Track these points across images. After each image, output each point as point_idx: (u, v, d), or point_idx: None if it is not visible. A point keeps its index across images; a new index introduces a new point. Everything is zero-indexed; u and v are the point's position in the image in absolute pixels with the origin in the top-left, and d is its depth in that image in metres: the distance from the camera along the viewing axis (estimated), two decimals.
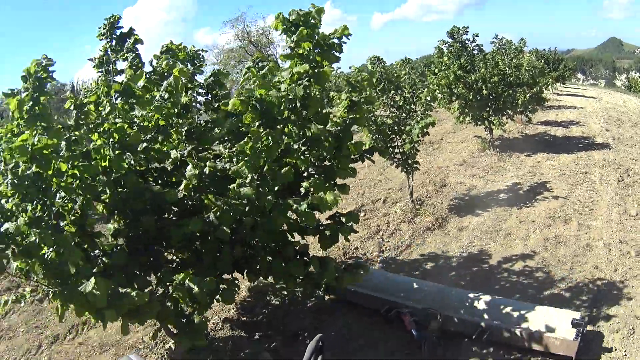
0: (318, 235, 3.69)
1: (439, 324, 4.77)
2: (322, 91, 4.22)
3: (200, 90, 5.06)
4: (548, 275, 5.76)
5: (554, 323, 4.43)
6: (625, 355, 4.44)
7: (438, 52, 12.26)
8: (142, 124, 3.76)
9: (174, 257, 4.44)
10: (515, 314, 4.60)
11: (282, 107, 3.26)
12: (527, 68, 13.47)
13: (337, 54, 3.46)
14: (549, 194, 8.89)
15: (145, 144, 3.65)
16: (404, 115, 7.27)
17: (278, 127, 3.24)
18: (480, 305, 4.85)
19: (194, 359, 4.72)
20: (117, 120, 3.54)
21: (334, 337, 4.93)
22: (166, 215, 4.11)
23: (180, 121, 4.18)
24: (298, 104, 3.22)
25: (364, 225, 7.57)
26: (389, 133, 7.15)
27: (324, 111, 3.63)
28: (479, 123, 12.38)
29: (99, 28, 4.65)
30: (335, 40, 3.45)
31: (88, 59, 4.89)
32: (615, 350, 4.50)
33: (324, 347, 3.00)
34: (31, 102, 3.34)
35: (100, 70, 4.64)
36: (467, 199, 8.57)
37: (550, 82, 21.63)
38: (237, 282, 3.92)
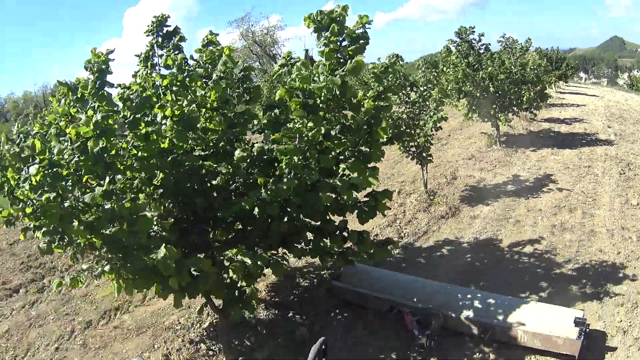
0: (356, 212, 4.16)
1: (440, 323, 4.75)
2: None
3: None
4: (556, 258, 6.24)
5: (557, 322, 4.43)
6: (630, 325, 4.89)
7: (446, 51, 12.75)
8: (201, 103, 4.21)
9: (216, 238, 4.90)
10: (518, 313, 4.62)
11: (322, 97, 3.73)
12: (531, 67, 13.95)
13: (365, 43, 3.94)
14: (554, 186, 9.37)
15: (204, 124, 4.12)
16: (417, 110, 7.76)
17: (319, 114, 3.72)
18: (483, 303, 4.85)
19: (234, 335, 5.18)
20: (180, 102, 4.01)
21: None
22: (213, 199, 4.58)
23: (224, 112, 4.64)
24: (338, 92, 3.69)
25: (381, 215, 8.05)
26: (404, 128, 7.64)
27: (354, 100, 4.10)
28: (486, 120, 12.88)
29: (147, 25, 5.09)
30: (361, 31, 3.93)
31: (135, 55, 5.36)
32: (621, 321, 4.96)
33: (327, 350, 3.04)
34: (97, 85, 3.80)
35: (146, 64, 5.07)
36: (477, 190, 9.06)
37: (553, 80, 22.08)
38: (285, 256, 4.39)
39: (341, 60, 3.85)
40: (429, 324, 4.82)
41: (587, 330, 4.44)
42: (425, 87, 7.76)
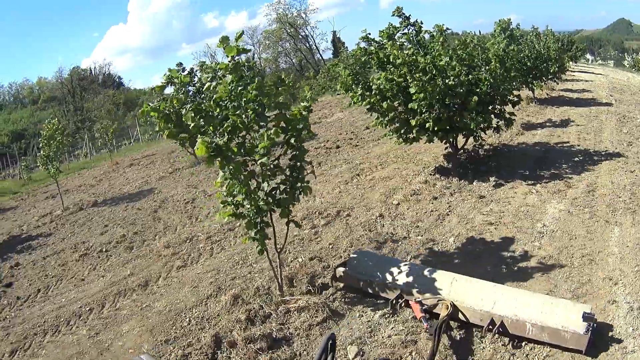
0: (510, 104, 10.97)
1: (449, 313, 4.99)
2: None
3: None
4: (582, 148, 13.00)
5: (565, 316, 4.68)
6: (632, 172, 11.63)
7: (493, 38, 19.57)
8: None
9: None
10: (527, 305, 4.92)
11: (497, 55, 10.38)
12: (554, 49, 20.90)
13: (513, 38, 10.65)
14: (575, 124, 16.23)
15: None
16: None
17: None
18: (492, 295, 5.15)
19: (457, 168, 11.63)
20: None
21: None
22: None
23: None
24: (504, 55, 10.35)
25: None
26: None
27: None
28: (524, 86, 19.77)
29: (393, 12, 11.30)
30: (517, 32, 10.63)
31: (380, 31, 11.89)
32: (621, 159, 11.70)
33: (334, 344, 3.19)
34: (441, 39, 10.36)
35: (390, 38, 11.13)
36: (530, 124, 15.96)
37: (567, 60, 29.27)
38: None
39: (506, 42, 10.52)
40: (437, 313, 5.12)
41: (595, 325, 4.65)
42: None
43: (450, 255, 7.28)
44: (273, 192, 5.62)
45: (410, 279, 5.77)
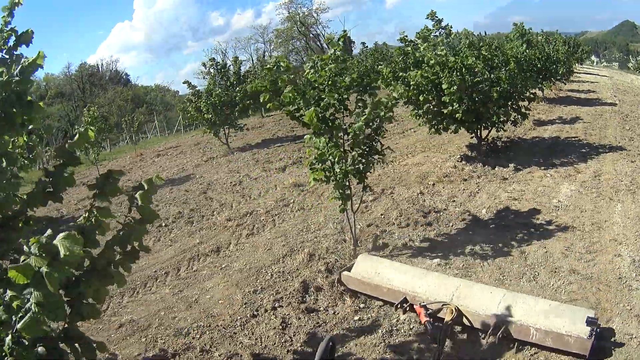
0: (527, 100, 12.70)
1: (453, 317, 5.15)
2: None
3: None
4: (588, 142, 14.74)
5: (569, 320, 4.82)
6: (633, 162, 13.39)
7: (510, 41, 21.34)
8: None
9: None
10: (531, 310, 5.08)
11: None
12: (562, 52, 22.71)
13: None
14: (582, 121, 18.00)
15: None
16: None
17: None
18: (496, 300, 5.28)
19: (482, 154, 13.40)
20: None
21: None
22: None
23: None
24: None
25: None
26: None
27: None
28: (534, 86, 21.54)
29: (427, 15, 13.08)
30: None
31: (416, 34, 13.62)
32: (620, 148, 13.47)
33: (334, 348, 3.33)
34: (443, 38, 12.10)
35: (425, 41, 12.89)
36: (541, 121, 17.76)
37: (574, 62, 31.12)
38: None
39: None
40: (442, 318, 5.26)
41: (598, 330, 4.81)
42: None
43: (485, 222, 9.01)
44: (355, 161, 7.25)
45: (415, 283, 6.01)
